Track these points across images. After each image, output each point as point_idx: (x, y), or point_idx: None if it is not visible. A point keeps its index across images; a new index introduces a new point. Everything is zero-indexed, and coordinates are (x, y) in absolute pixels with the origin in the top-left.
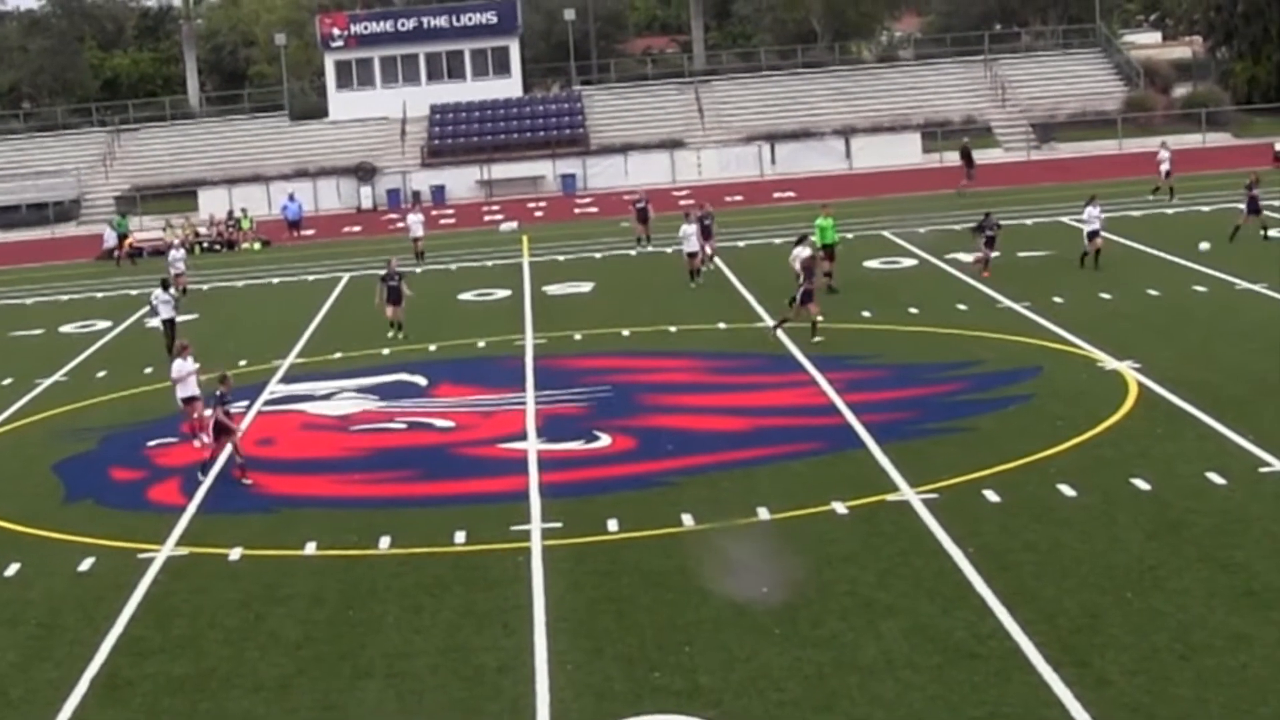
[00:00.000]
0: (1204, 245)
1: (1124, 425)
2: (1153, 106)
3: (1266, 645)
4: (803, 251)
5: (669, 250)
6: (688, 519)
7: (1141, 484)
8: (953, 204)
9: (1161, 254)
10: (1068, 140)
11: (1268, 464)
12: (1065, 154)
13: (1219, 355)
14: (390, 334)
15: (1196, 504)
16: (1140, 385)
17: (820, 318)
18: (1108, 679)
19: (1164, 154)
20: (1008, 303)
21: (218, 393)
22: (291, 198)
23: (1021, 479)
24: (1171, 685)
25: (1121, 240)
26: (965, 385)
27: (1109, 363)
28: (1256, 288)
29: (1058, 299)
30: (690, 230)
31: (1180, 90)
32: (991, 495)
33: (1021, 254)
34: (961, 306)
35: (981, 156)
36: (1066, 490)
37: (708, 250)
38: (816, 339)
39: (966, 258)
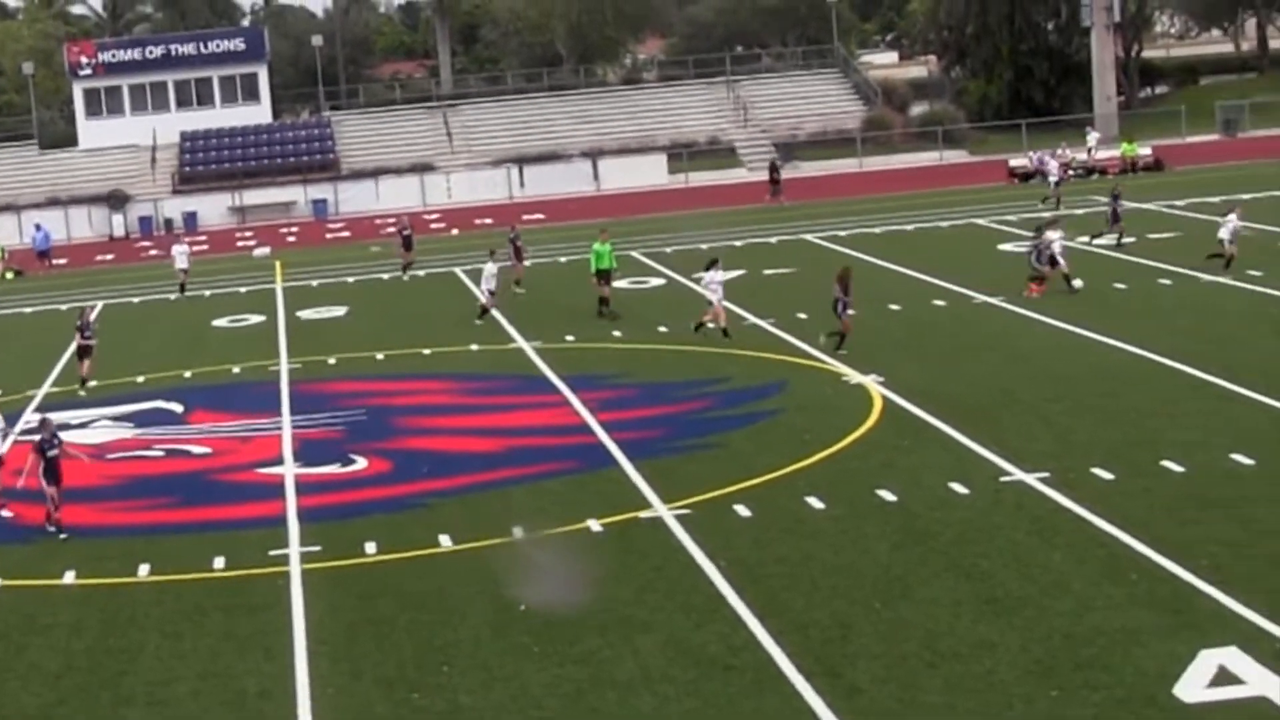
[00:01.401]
0: (1077, 283)
1: (869, 438)
2: (891, 125)
3: (1011, 651)
4: (716, 275)
5: (423, 274)
6: (445, 540)
7: (888, 495)
8: (701, 223)
9: (902, 269)
10: (810, 159)
11: (1008, 473)
12: (808, 172)
13: (960, 367)
14: (78, 388)
15: (941, 514)
16: (884, 398)
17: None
18: (858, 688)
19: (1051, 164)
20: (753, 319)
21: None
22: (38, 227)
23: (771, 493)
24: (920, 693)
25: (863, 256)
26: (714, 402)
27: (853, 377)
28: (994, 301)
29: (802, 315)
30: (493, 270)
31: (917, 109)
32: (742, 510)
33: (767, 271)
34: (710, 324)
35: (726, 177)
36: (815, 503)
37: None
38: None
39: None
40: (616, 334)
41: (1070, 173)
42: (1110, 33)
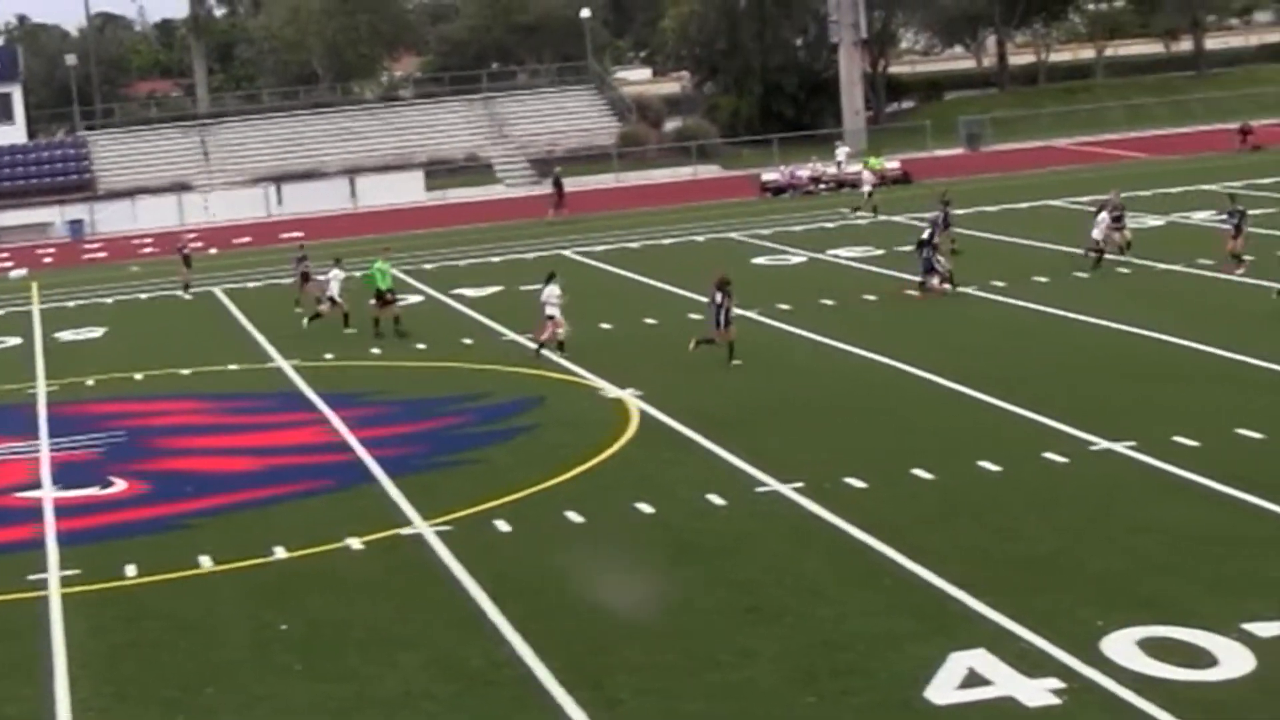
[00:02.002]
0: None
1: (627, 452)
2: (645, 140)
3: (771, 658)
4: (554, 289)
5: (186, 295)
6: (205, 561)
7: (646, 508)
8: (455, 240)
9: (658, 283)
10: (566, 175)
11: (764, 484)
12: (565, 189)
13: (716, 380)
14: None
15: (699, 525)
16: (641, 412)
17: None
18: (619, 699)
19: (866, 173)
20: (512, 335)
21: None
22: None
23: (530, 508)
24: (681, 702)
25: (620, 271)
26: (473, 418)
27: (610, 390)
28: (748, 313)
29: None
30: (340, 275)
31: (671, 124)
32: (502, 525)
33: (524, 287)
34: (467, 340)
35: (484, 194)
36: (574, 517)
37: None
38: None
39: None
40: (375, 351)
41: (821, 186)
42: (857, 49)
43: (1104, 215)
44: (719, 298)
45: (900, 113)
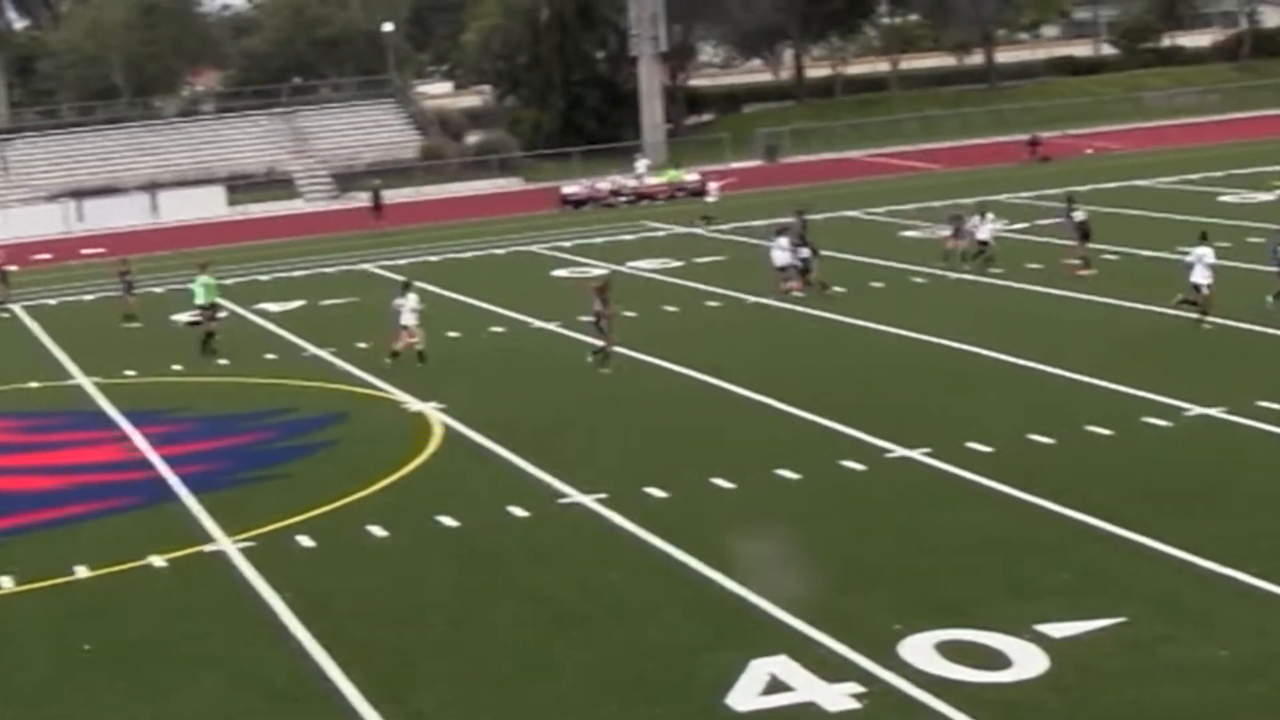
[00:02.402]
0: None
1: (430, 465)
2: (447, 154)
3: (574, 668)
4: (408, 301)
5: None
6: (6, 581)
7: (449, 521)
8: (257, 255)
9: (460, 296)
10: (367, 190)
11: (566, 495)
12: (366, 203)
13: (518, 393)
14: None
15: (502, 537)
16: (444, 425)
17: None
18: (423, 713)
19: (712, 184)
20: (314, 350)
21: None
22: None
23: (334, 522)
24: (485, 713)
25: (422, 285)
26: (276, 433)
27: (413, 404)
28: (550, 326)
29: (362, 345)
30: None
31: (473, 138)
32: (305, 540)
33: (325, 302)
34: (271, 355)
35: (285, 208)
36: (377, 531)
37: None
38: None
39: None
40: (177, 367)
41: (621, 198)
42: (657, 62)
43: (976, 219)
44: (598, 304)
45: (699, 125)
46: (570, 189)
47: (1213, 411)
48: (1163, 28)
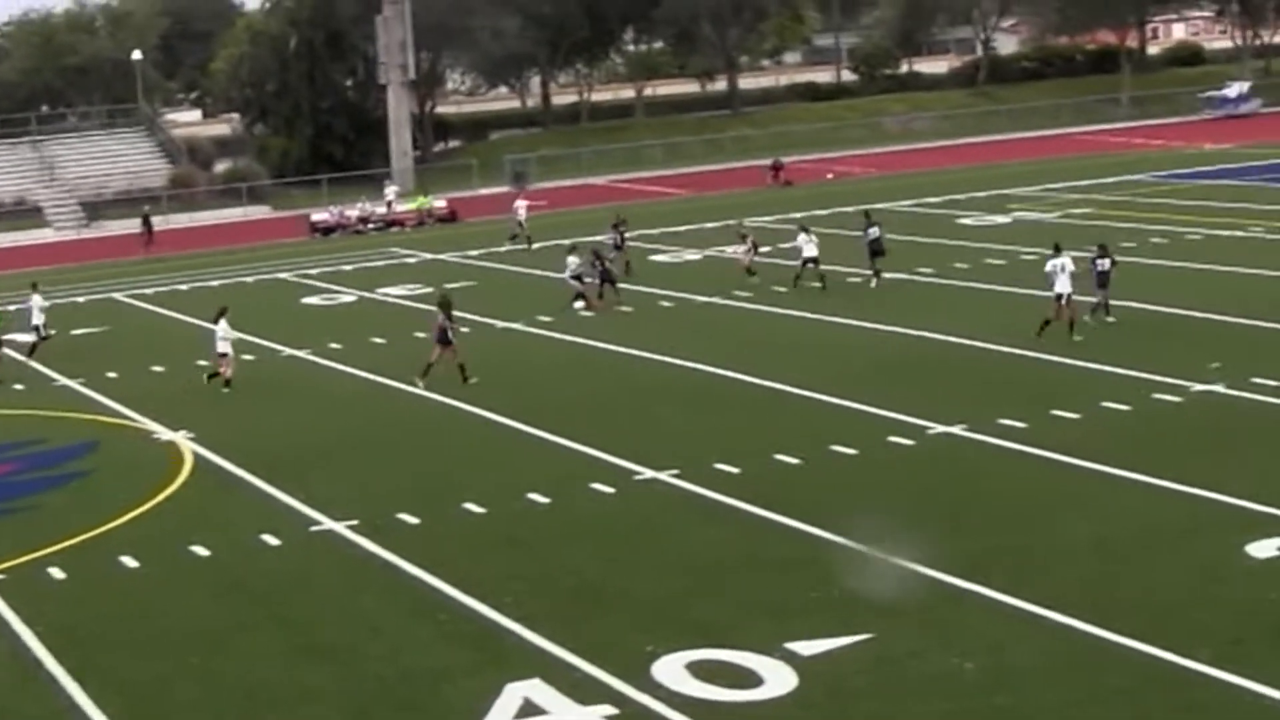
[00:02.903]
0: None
1: (181, 495)
2: (195, 182)
3: (331, 697)
4: (225, 332)
5: None
6: None
7: (201, 550)
8: (4, 285)
9: (210, 325)
10: (116, 218)
11: (318, 523)
12: (115, 231)
13: (269, 420)
14: None
15: (255, 566)
16: (195, 455)
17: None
18: None
19: (520, 204)
20: (64, 380)
21: None
22: None
23: (85, 554)
24: None
25: (171, 314)
26: (24, 464)
27: (164, 434)
28: (300, 354)
29: (112, 374)
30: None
31: (221, 165)
32: (57, 572)
33: (76, 331)
34: (19, 386)
35: (32, 237)
36: (129, 562)
37: None
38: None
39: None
40: None
41: (369, 225)
42: (405, 90)
43: (802, 237)
44: (440, 318)
45: (448, 152)
46: (319, 216)
47: (955, 429)
48: (901, 54)
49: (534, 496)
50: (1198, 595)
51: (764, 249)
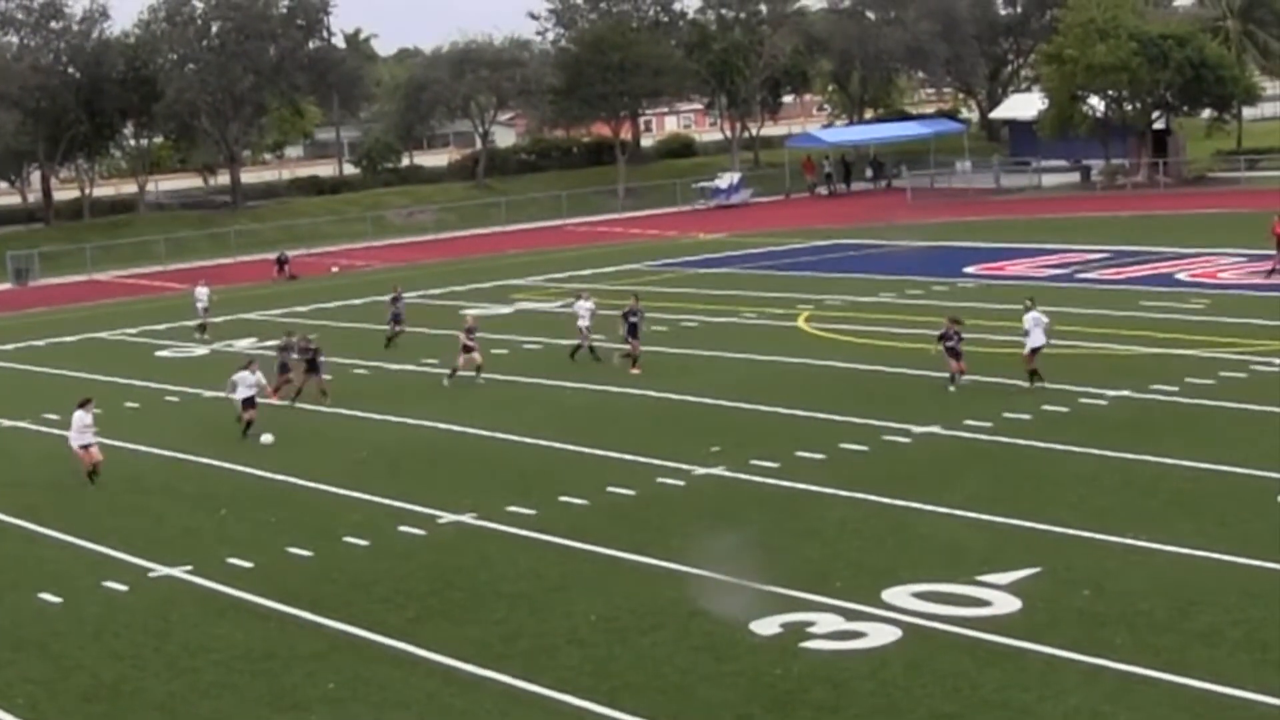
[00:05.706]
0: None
1: None
2: None
3: None
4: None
5: None
6: None
7: None
8: None
9: None
10: None
11: None
12: None
13: None
14: None
15: None
16: None
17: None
18: None
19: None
20: None
21: None
22: None
23: None
24: None
25: None
26: None
27: None
28: None
29: None
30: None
31: None
32: None
33: None
34: None
35: None
36: None
37: None
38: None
39: None
40: None
41: None
42: None
43: (582, 304)
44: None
45: None
46: None
47: (464, 518)
48: (402, 148)
49: (45, 596)
50: (706, 672)
51: (269, 342)
